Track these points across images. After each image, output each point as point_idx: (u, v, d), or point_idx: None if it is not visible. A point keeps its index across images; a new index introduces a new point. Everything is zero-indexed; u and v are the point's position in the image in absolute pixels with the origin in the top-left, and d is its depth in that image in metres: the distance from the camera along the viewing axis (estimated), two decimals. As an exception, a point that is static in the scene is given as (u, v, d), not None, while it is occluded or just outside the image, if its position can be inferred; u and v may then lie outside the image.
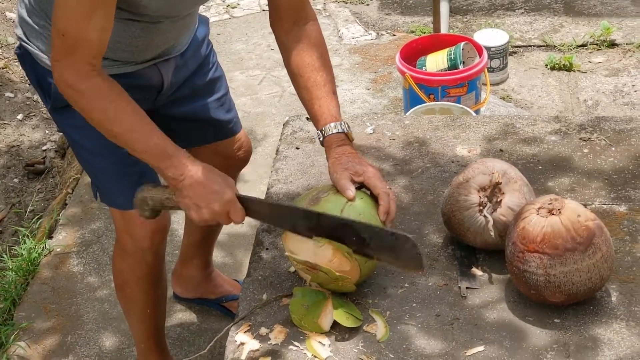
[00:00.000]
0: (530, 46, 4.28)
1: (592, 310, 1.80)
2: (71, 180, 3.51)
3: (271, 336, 1.78)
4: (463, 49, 3.57)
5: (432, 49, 3.65)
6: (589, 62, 4.12)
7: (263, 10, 4.73)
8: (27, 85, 4.16)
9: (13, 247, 3.23)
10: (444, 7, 4.15)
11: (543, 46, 4.27)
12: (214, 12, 4.76)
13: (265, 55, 4.34)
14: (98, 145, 2.01)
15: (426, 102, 3.41)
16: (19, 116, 3.98)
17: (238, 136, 2.45)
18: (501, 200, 1.89)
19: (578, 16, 4.44)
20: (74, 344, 2.81)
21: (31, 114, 4.02)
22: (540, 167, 2.21)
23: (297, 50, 1.99)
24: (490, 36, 3.93)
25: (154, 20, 1.94)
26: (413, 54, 3.65)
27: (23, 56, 2.08)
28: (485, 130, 2.37)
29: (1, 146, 3.81)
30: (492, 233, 1.87)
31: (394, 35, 4.44)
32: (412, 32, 4.42)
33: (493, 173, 1.90)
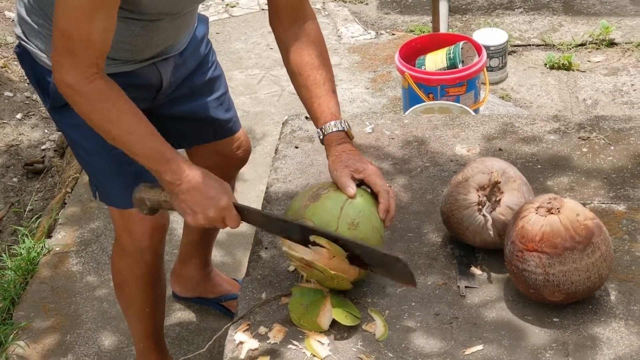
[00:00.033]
0: (529, 45, 4.27)
1: (591, 309, 1.80)
2: (70, 179, 3.51)
3: (270, 335, 1.78)
4: (462, 48, 3.57)
5: (431, 48, 3.65)
6: (588, 62, 4.12)
7: (262, 9, 4.72)
8: (26, 84, 4.15)
9: (12, 247, 3.22)
10: (443, 7, 4.15)
11: (542, 45, 4.26)
12: (213, 11, 4.75)
13: (264, 54, 4.34)
14: (97, 144, 2.00)
15: (425, 102, 3.41)
16: (18, 115, 3.98)
17: (237, 135, 2.45)
18: (500, 199, 1.89)
19: (577, 15, 4.44)
20: (73, 343, 2.81)
21: (30, 113, 4.02)
22: (539, 166, 2.21)
23: (297, 48, 1.98)
24: (489, 35, 3.93)
25: (154, 18, 1.94)
26: (412, 53, 3.65)
27: (22, 55, 2.08)
28: (484, 129, 2.37)
29: (0, 145, 3.80)
30: (491, 232, 1.86)
31: (393, 34, 4.44)
32: (411, 32, 4.41)
33: (492, 172, 1.90)
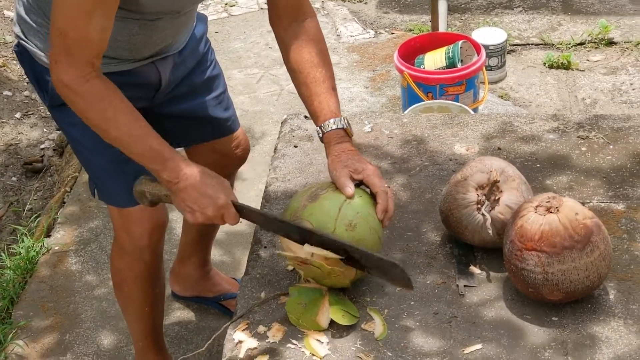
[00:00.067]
0: (528, 44, 4.27)
1: (590, 308, 1.80)
2: (69, 178, 3.51)
3: (269, 334, 1.78)
4: (461, 47, 3.56)
5: (430, 48, 3.65)
6: (587, 61, 4.12)
7: (261, 8, 4.72)
8: (25, 83, 4.15)
9: (11, 246, 3.22)
10: (442, 6, 4.15)
11: (541, 44, 4.26)
12: (212, 11, 4.75)
13: (263, 53, 4.34)
14: (96, 143, 1.99)
15: (424, 101, 3.41)
16: (17, 114, 3.98)
17: (236, 134, 2.45)
18: (499, 198, 1.89)
19: (576, 14, 4.44)
20: (72, 343, 2.81)
21: (29, 113, 4.02)
22: (538, 165, 2.21)
23: (296, 46, 1.98)
24: (488, 34, 3.93)
25: (153, 17, 1.93)
26: (411, 53, 3.65)
27: (21, 54, 2.08)
28: (483, 128, 2.37)
29: (-1, 144, 3.81)
30: (490, 231, 1.86)
31: (392, 33, 4.44)
32: (411, 31, 4.41)
33: (491, 171, 1.90)
